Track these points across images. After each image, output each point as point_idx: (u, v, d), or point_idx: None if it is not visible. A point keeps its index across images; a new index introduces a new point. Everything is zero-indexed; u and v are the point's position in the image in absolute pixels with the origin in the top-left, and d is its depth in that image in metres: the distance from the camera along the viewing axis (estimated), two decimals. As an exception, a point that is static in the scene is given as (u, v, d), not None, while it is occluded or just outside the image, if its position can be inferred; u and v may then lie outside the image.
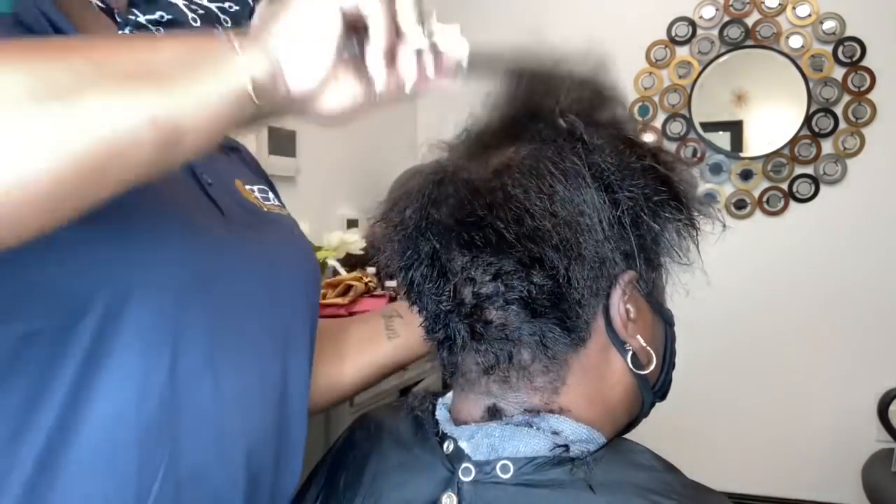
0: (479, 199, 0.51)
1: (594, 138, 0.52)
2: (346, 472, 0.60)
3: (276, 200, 0.74)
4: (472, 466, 0.51)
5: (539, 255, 0.49)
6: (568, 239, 0.50)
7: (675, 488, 0.49)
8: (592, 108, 0.56)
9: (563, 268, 0.50)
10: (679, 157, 0.58)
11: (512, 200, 0.50)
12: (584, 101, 0.56)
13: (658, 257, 0.56)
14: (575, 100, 0.55)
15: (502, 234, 0.49)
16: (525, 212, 0.49)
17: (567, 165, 0.51)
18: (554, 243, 0.49)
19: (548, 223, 0.49)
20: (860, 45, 2.62)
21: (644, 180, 0.53)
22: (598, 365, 0.54)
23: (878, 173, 2.63)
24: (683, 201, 0.55)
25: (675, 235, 0.55)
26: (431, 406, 0.60)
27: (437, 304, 0.53)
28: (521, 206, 0.50)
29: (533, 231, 0.49)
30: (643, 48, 2.89)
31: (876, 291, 2.62)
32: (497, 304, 0.51)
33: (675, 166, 0.55)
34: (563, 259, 0.50)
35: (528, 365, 0.52)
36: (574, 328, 0.52)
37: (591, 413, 0.54)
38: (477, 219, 0.50)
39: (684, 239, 0.55)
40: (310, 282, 0.70)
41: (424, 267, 0.53)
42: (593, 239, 0.51)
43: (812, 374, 2.70)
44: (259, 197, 0.70)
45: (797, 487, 2.72)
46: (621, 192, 0.52)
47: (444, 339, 0.54)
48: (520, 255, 0.50)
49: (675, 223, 0.55)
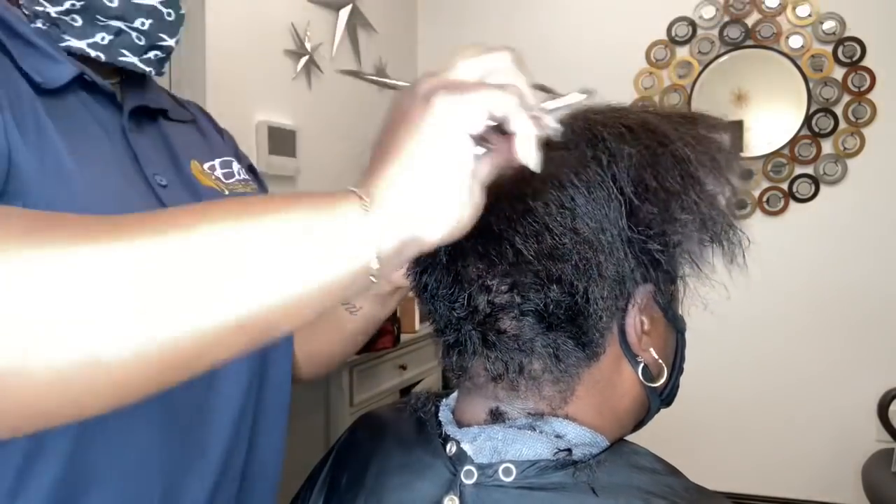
0: (497, 210, 0.49)
1: (618, 145, 0.50)
2: (347, 471, 0.60)
3: (241, 173, 0.71)
4: (475, 469, 0.50)
5: (558, 274, 0.48)
6: (588, 259, 0.48)
7: (676, 491, 0.49)
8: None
9: (583, 287, 0.49)
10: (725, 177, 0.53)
11: (531, 214, 0.49)
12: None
13: (678, 271, 0.54)
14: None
15: (520, 250, 0.48)
16: (545, 228, 0.48)
17: (590, 176, 0.49)
18: (573, 262, 0.48)
19: (568, 241, 0.48)
20: (860, 45, 2.63)
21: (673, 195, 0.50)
22: (609, 376, 0.53)
23: (878, 173, 2.63)
24: (711, 216, 0.52)
25: (697, 248, 0.52)
26: (434, 407, 0.59)
27: (451, 310, 0.52)
28: (540, 221, 0.48)
29: (552, 249, 0.48)
30: (643, 48, 2.89)
31: (876, 291, 2.62)
32: (512, 314, 0.50)
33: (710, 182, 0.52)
34: (583, 279, 0.48)
35: (539, 376, 0.51)
36: (589, 343, 0.51)
37: (599, 421, 0.53)
38: (494, 232, 0.49)
39: (708, 252, 0.53)
40: None
41: (439, 272, 0.52)
42: (615, 257, 0.49)
43: (812, 374, 2.70)
44: (221, 175, 0.68)
45: (797, 487, 2.72)
46: (644, 204, 0.49)
47: (455, 343, 0.53)
48: (537, 271, 0.48)
49: (699, 238, 0.52)
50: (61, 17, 0.54)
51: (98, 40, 0.56)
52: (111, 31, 0.57)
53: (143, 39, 0.58)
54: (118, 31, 0.57)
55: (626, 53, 2.89)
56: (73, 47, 0.55)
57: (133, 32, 0.58)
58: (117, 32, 0.57)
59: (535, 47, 2.76)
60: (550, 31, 2.95)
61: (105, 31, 0.56)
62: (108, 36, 0.56)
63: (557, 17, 2.97)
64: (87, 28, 0.55)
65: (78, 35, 0.55)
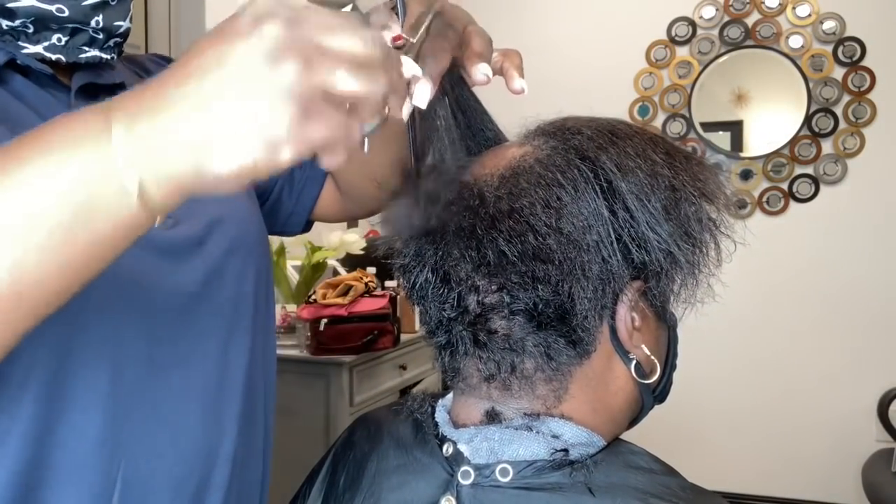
0: (482, 211, 0.49)
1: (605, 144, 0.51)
2: (345, 472, 0.60)
3: None
4: (472, 470, 0.50)
5: (542, 275, 0.48)
6: (572, 259, 0.48)
7: (674, 491, 0.49)
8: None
9: (567, 288, 0.49)
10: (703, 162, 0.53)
11: (515, 215, 0.49)
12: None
13: (668, 266, 0.53)
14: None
15: (504, 251, 0.48)
16: (529, 228, 0.48)
17: (575, 174, 0.49)
18: (557, 263, 0.48)
19: (552, 241, 0.48)
20: (860, 45, 2.62)
21: (661, 192, 0.50)
22: (601, 374, 0.53)
23: (878, 173, 2.63)
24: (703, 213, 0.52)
25: (692, 250, 0.52)
26: (430, 408, 0.59)
27: (441, 310, 0.52)
28: (524, 222, 0.48)
29: (536, 249, 0.48)
30: (643, 48, 2.89)
31: (876, 291, 2.62)
32: (502, 313, 0.50)
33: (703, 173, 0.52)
34: (567, 279, 0.48)
35: (531, 375, 0.51)
36: (579, 341, 0.51)
37: (594, 420, 0.53)
38: (479, 234, 0.49)
39: (703, 254, 0.52)
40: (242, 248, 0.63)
41: (428, 272, 0.52)
42: (600, 256, 0.49)
43: (812, 373, 2.70)
44: None
45: (797, 487, 2.72)
46: (632, 201, 0.49)
47: (446, 344, 0.53)
48: (523, 272, 0.48)
49: (693, 239, 0.52)
50: (14, 28, 0.54)
51: (55, 42, 0.55)
52: (66, 32, 0.56)
53: (101, 33, 0.57)
54: (73, 31, 0.56)
55: (626, 53, 2.89)
56: (30, 52, 0.54)
57: (89, 29, 0.57)
58: (72, 32, 0.56)
59: (534, 47, 2.76)
60: (550, 30, 2.95)
61: (60, 32, 0.55)
62: (63, 37, 0.55)
63: (557, 16, 2.97)
64: (41, 33, 0.55)
65: (33, 41, 0.54)
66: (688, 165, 0.53)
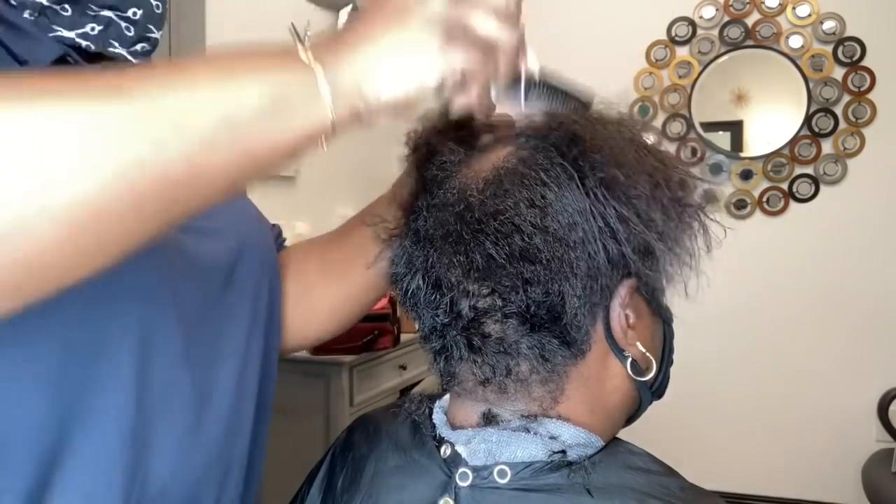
0: (468, 215, 0.49)
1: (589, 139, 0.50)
2: (344, 473, 0.60)
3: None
4: (470, 471, 0.50)
5: (531, 276, 0.48)
6: (560, 257, 0.48)
7: (673, 492, 0.49)
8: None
9: (557, 287, 0.48)
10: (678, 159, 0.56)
11: (500, 216, 0.48)
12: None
13: (659, 261, 0.53)
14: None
15: (492, 254, 0.48)
16: (515, 229, 0.48)
17: (558, 171, 0.49)
18: (544, 262, 0.48)
19: (538, 240, 0.48)
20: (860, 45, 2.62)
21: (642, 183, 0.50)
22: (597, 373, 0.53)
23: (878, 173, 2.63)
24: (686, 204, 0.52)
25: (679, 238, 0.52)
26: (428, 409, 0.60)
27: (434, 316, 0.52)
28: (510, 223, 0.48)
29: (523, 250, 0.48)
30: (643, 48, 2.89)
31: (876, 291, 2.62)
32: (495, 317, 0.50)
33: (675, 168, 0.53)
34: (556, 278, 0.48)
35: (527, 377, 0.51)
36: (573, 341, 0.51)
37: (591, 419, 0.53)
38: (466, 238, 0.49)
39: (689, 241, 0.53)
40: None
41: (419, 278, 0.52)
42: (586, 253, 0.49)
43: (812, 374, 2.70)
44: None
45: (797, 487, 2.72)
46: (618, 196, 0.49)
47: (441, 349, 0.53)
48: (512, 274, 0.48)
49: (678, 226, 0.52)
50: (51, 6, 0.54)
51: (88, 30, 0.56)
52: (101, 22, 0.56)
53: (133, 30, 0.58)
54: (108, 22, 0.56)
55: (626, 53, 2.89)
56: (64, 37, 0.55)
57: (123, 23, 0.57)
58: (107, 23, 0.56)
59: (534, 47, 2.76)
60: (550, 30, 2.94)
61: (95, 21, 0.56)
62: (97, 26, 0.56)
63: (557, 16, 2.97)
64: (77, 18, 0.55)
65: (67, 25, 0.54)
66: (659, 154, 0.54)
